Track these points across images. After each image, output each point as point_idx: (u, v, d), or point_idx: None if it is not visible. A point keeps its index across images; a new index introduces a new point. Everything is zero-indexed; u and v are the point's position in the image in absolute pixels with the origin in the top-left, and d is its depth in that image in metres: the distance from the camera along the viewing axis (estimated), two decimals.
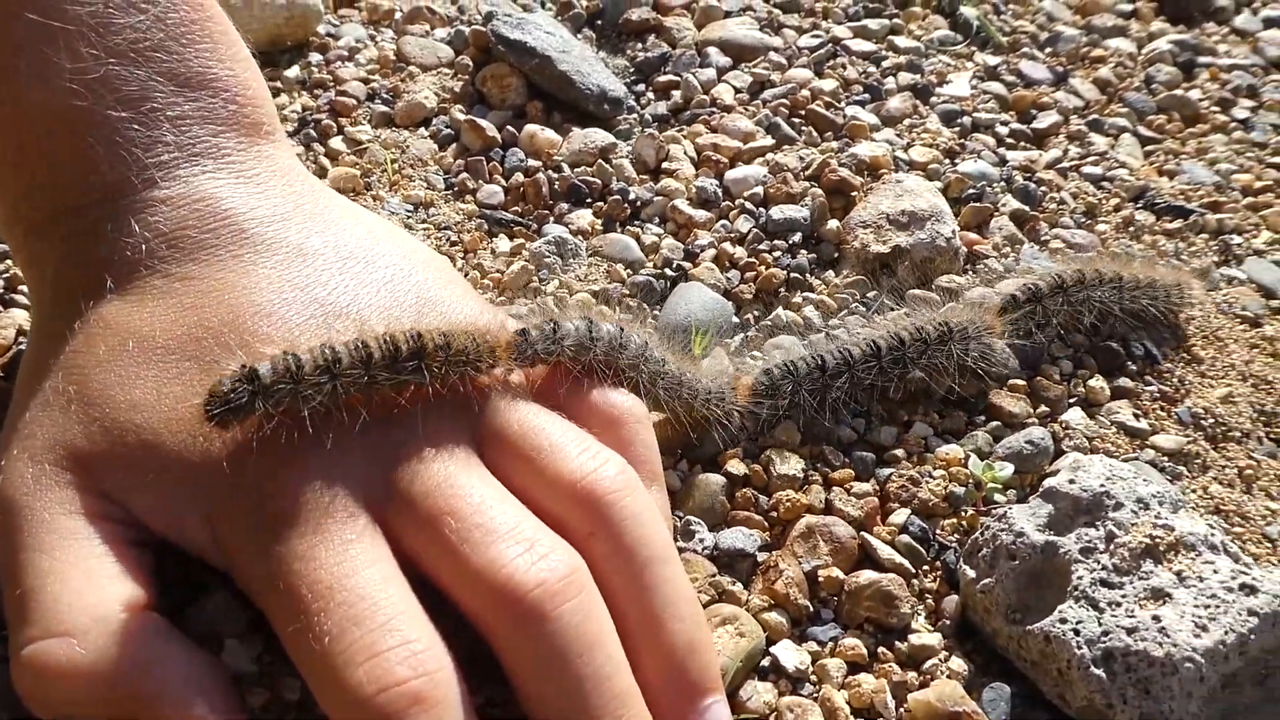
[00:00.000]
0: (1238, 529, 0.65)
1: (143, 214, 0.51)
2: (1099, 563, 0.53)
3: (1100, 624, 0.51)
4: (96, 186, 0.51)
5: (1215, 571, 0.52)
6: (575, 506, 0.49)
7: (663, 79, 0.90)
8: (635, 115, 0.88)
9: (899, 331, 0.65)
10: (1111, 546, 0.53)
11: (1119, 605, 0.51)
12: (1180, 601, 0.51)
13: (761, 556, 0.58)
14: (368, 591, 0.43)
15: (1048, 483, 0.57)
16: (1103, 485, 0.55)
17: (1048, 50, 1.03)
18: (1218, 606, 0.50)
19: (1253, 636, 0.49)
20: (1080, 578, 0.52)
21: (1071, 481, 0.56)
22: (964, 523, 0.61)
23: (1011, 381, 0.68)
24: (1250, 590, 0.51)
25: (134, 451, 0.46)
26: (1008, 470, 0.62)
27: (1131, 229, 0.84)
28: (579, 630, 0.44)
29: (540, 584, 0.44)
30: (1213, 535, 0.54)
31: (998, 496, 0.61)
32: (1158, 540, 0.53)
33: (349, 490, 0.46)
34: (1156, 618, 0.50)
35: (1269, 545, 0.65)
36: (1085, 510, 0.55)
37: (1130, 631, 0.50)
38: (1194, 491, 0.66)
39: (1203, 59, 1.05)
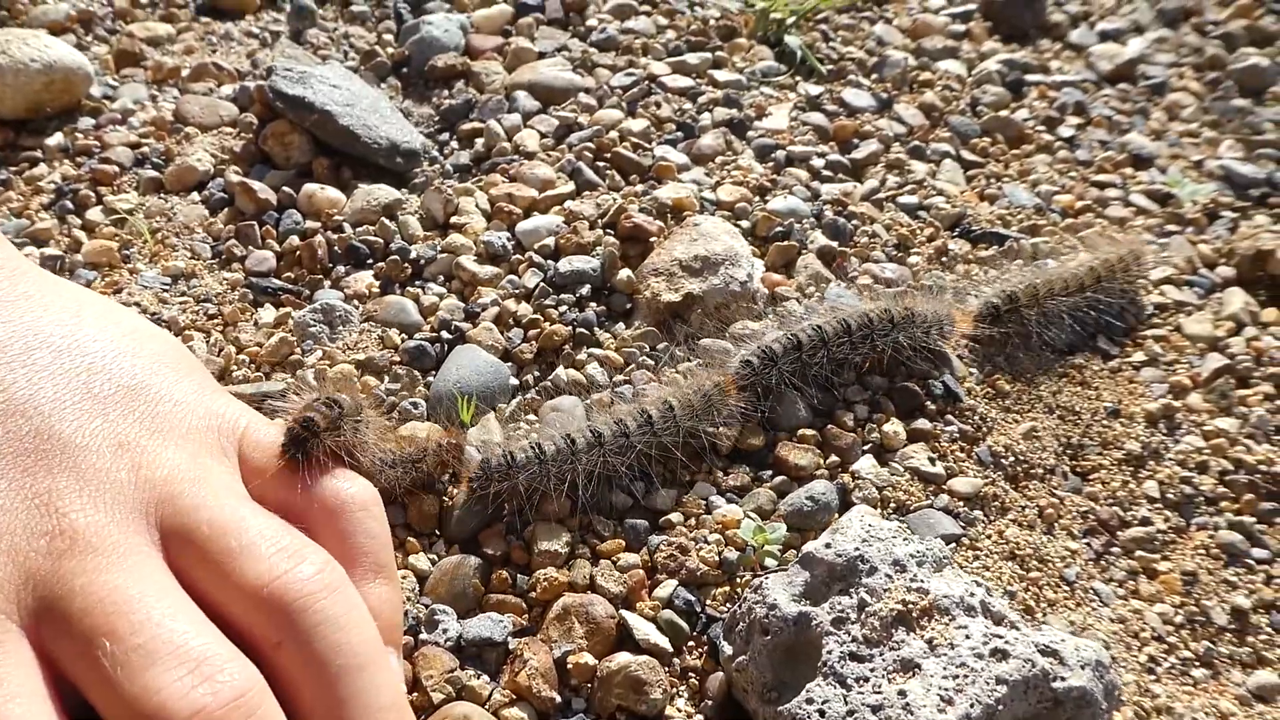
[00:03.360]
0: (1034, 574, 0.62)
1: None
2: (850, 634, 0.49)
3: (846, 703, 0.47)
4: None
5: (967, 637, 0.48)
6: (262, 614, 0.45)
7: (467, 126, 0.87)
8: (437, 166, 0.84)
9: (866, 313, 0.68)
10: (863, 615, 0.50)
11: (867, 681, 0.48)
12: (929, 672, 0.47)
13: (515, 644, 0.54)
14: None
15: (806, 548, 0.54)
16: (857, 549, 0.52)
17: (874, 77, 1.01)
18: (966, 676, 0.47)
19: (1001, 707, 0.46)
20: (830, 652, 0.49)
21: (828, 546, 0.53)
22: (739, 590, 0.57)
23: (801, 431, 0.65)
24: (1001, 655, 0.48)
25: None
26: (780, 531, 0.58)
27: (944, 259, 0.81)
28: None
29: (197, 712, 0.40)
30: (972, 595, 0.51)
31: (770, 561, 0.58)
32: (910, 606, 0.50)
33: None
34: (903, 693, 0.47)
35: (1067, 589, 0.62)
36: (840, 577, 0.52)
37: (875, 710, 0.47)
38: (988, 537, 0.63)
39: (1032, 77, 1.04)
